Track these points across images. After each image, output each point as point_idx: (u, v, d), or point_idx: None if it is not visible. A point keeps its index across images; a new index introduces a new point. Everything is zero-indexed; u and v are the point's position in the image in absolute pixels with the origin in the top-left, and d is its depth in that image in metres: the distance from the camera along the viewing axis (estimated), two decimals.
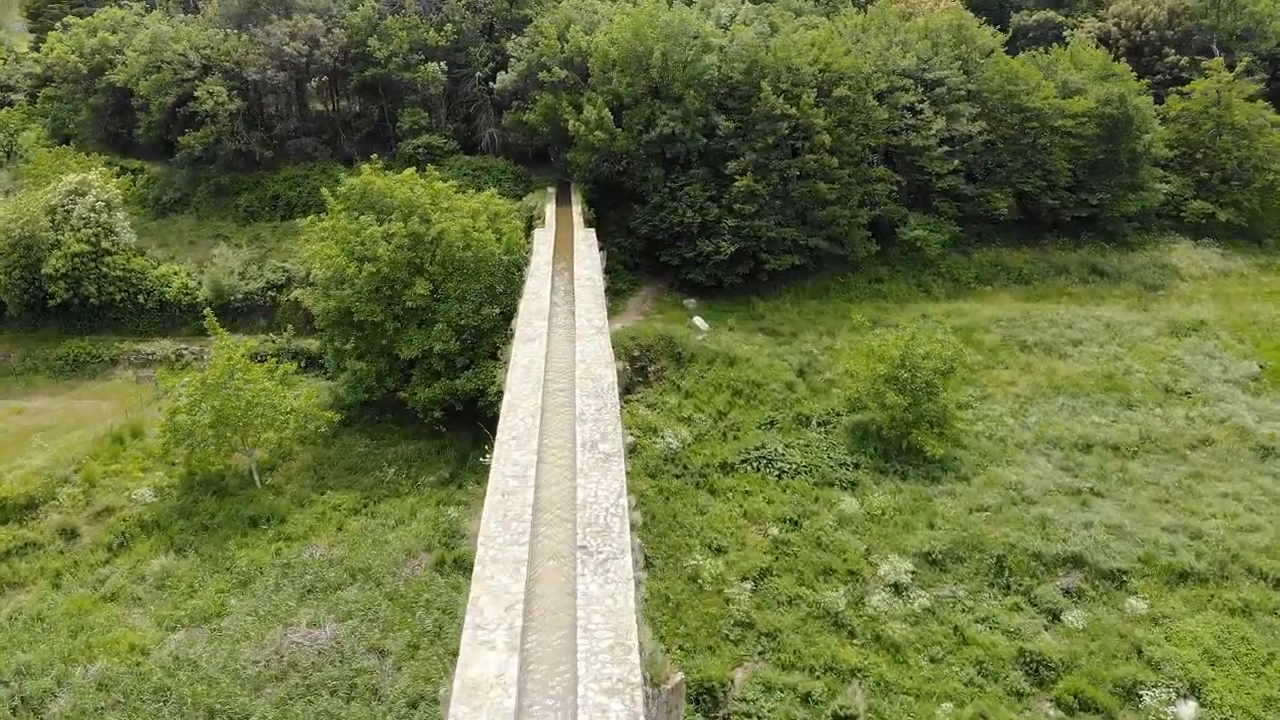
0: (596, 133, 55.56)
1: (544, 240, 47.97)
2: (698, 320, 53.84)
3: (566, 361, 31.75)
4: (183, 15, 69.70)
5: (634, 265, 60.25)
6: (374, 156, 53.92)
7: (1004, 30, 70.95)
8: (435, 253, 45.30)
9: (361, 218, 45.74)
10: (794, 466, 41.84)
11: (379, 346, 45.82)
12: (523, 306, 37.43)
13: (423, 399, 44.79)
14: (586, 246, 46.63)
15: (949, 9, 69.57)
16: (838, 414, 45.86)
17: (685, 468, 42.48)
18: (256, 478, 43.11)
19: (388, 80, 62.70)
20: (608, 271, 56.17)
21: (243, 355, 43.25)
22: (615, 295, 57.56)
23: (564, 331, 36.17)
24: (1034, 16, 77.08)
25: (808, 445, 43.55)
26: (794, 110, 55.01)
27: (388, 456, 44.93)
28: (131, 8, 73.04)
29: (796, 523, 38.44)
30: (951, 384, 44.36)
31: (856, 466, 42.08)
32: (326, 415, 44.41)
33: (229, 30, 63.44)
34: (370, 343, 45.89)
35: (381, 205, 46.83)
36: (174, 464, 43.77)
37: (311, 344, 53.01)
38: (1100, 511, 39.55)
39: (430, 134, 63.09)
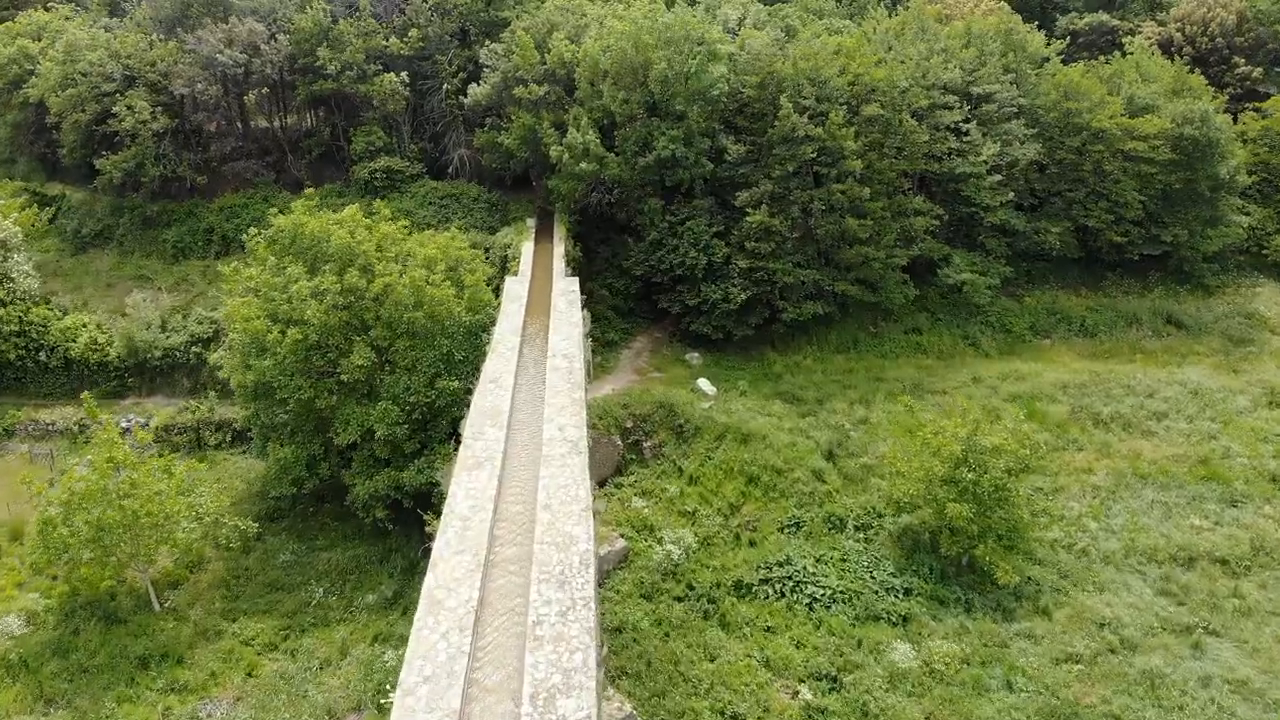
0: (583, 163, 46.63)
1: (515, 295, 39.23)
2: (703, 383, 44.98)
3: (525, 504, 23.00)
4: (107, 20, 60.23)
5: (628, 310, 51.47)
6: (310, 192, 45.27)
7: (1050, 36, 61.77)
8: (379, 312, 36.60)
9: (288, 269, 37.03)
10: (829, 592, 32.95)
11: (311, 424, 37.27)
12: (476, 402, 28.62)
13: (363, 494, 36.23)
14: (567, 304, 37.91)
15: (992, 10, 60.42)
16: (879, 514, 36.99)
17: (690, 587, 33.70)
18: (154, 598, 34.67)
19: (341, 94, 53.62)
20: (597, 319, 47.53)
21: (139, 446, 34.76)
22: (606, 347, 48.96)
23: (527, 434, 27.49)
24: (1084, 20, 67.54)
25: (844, 560, 34.68)
26: (819, 131, 46.05)
27: (319, 567, 36.81)
28: (58, 10, 64.11)
29: (835, 679, 29.57)
30: (1022, 480, 35.44)
31: (908, 593, 33.17)
32: (241, 525, 35.60)
33: (157, 36, 54.10)
34: (300, 420, 37.25)
35: (316, 252, 38.12)
36: (55, 578, 35.40)
37: (240, 411, 44.27)
38: (1218, 658, 30.92)
39: (390, 156, 53.73)
